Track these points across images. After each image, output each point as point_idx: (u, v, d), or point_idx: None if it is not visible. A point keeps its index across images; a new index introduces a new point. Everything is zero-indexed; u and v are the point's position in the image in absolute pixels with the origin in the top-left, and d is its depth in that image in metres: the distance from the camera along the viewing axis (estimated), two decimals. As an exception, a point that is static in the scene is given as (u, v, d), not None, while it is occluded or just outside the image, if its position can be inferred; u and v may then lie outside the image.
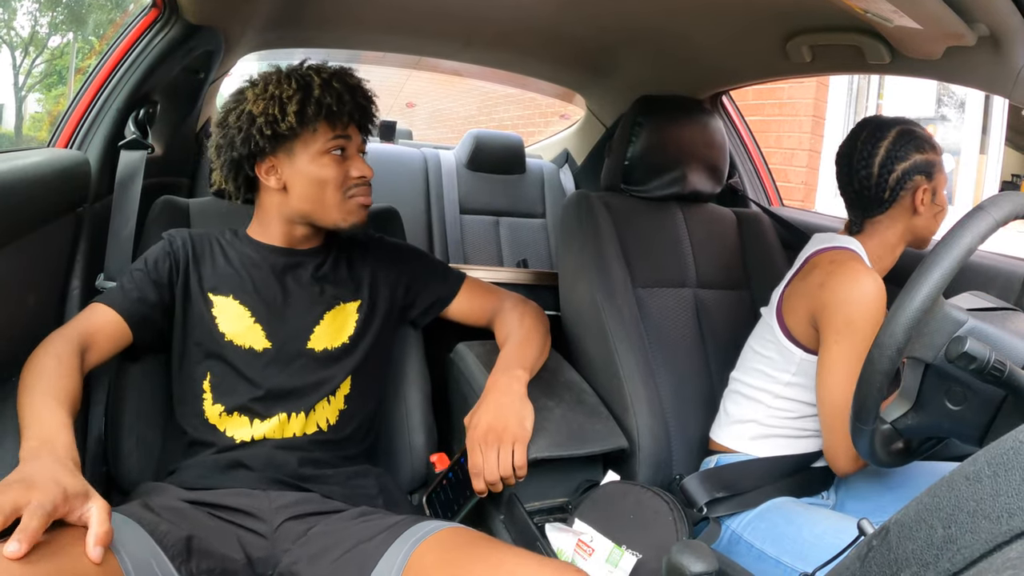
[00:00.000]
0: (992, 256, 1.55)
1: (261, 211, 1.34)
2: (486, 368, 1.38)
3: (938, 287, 0.90)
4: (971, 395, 0.92)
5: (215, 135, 1.31)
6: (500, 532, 1.29)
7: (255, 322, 1.26)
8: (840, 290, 1.24)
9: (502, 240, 2.80)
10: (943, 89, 4.07)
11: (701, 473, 1.37)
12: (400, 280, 1.41)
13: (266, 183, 1.29)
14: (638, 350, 1.52)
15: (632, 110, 1.75)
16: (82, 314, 1.21)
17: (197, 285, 1.28)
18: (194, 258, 1.29)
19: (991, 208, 0.91)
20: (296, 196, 1.29)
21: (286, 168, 1.28)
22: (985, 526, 0.46)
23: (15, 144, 5.50)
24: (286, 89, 1.23)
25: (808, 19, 1.48)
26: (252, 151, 1.26)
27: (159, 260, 1.27)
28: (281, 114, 1.22)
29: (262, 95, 1.24)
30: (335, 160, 1.28)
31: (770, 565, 1.22)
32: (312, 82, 1.25)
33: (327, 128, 1.27)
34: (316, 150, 1.26)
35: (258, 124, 1.23)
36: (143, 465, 1.29)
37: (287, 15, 1.86)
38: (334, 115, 1.26)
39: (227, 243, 1.33)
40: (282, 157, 1.27)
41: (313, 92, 1.24)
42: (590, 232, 1.62)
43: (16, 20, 5.67)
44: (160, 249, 1.29)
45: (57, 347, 1.11)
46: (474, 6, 1.85)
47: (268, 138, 1.24)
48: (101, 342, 1.19)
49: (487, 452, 1.20)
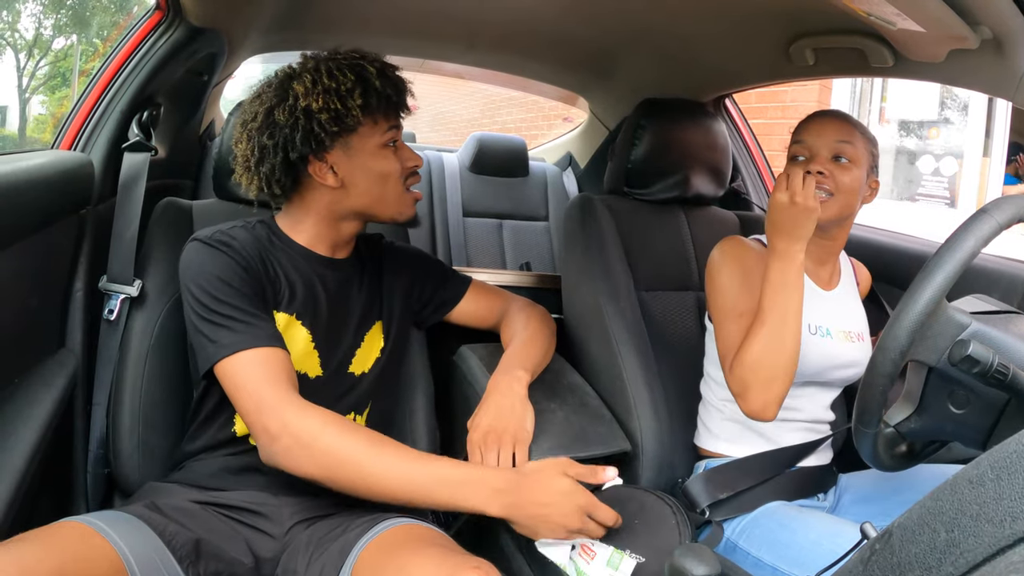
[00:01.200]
0: (995, 259, 1.55)
1: (304, 211, 1.24)
2: (489, 371, 1.38)
3: (941, 290, 0.89)
4: (974, 398, 0.91)
5: (255, 137, 1.18)
6: (503, 536, 1.29)
7: (314, 348, 1.21)
8: (710, 260, 1.40)
9: (505, 243, 2.81)
10: (946, 92, 4.07)
11: (702, 475, 1.37)
12: (411, 287, 1.40)
13: (322, 181, 1.20)
14: (641, 353, 1.52)
15: (635, 113, 1.75)
16: (251, 375, 1.07)
17: (271, 301, 1.19)
18: (264, 270, 1.18)
19: (994, 211, 0.91)
20: (356, 192, 1.21)
21: (343, 163, 1.19)
22: (988, 530, 0.46)
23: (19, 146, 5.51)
24: (343, 81, 1.15)
25: (811, 22, 1.48)
26: (313, 148, 1.16)
27: (242, 279, 1.13)
28: (344, 107, 1.15)
29: (315, 88, 1.14)
30: (392, 152, 1.23)
31: (767, 572, 1.21)
32: (367, 72, 1.17)
33: (384, 119, 1.21)
34: (376, 143, 1.20)
35: (319, 119, 1.14)
36: (144, 467, 1.29)
37: (290, 18, 1.87)
38: (393, 105, 1.21)
39: (275, 248, 1.23)
40: (338, 153, 1.19)
41: (373, 82, 1.17)
42: (593, 235, 1.62)
43: (20, 22, 5.69)
44: (233, 265, 1.14)
45: (313, 417, 1.04)
46: (477, 9, 1.85)
47: (333, 134, 1.16)
48: (293, 379, 1.11)
49: (487, 453, 1.20)
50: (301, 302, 1.21)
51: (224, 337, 1.08)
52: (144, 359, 1.33)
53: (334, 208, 1.23)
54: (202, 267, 1.13)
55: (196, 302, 1.11)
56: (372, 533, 1.08)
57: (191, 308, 1.12)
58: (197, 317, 1.11)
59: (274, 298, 1.19)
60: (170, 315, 1.37)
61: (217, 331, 1.09)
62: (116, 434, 1.30)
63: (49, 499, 1.28)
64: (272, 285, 1.18)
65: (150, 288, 1.37)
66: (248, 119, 1.20)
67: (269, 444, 1.04)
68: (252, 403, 1.05)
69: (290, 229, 1.26)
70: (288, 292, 1.20)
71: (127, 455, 1.29)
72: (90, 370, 1.37)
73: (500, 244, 2.80)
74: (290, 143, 1.15)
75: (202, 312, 1.10)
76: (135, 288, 1.36)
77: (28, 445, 1.13)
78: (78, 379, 1.33)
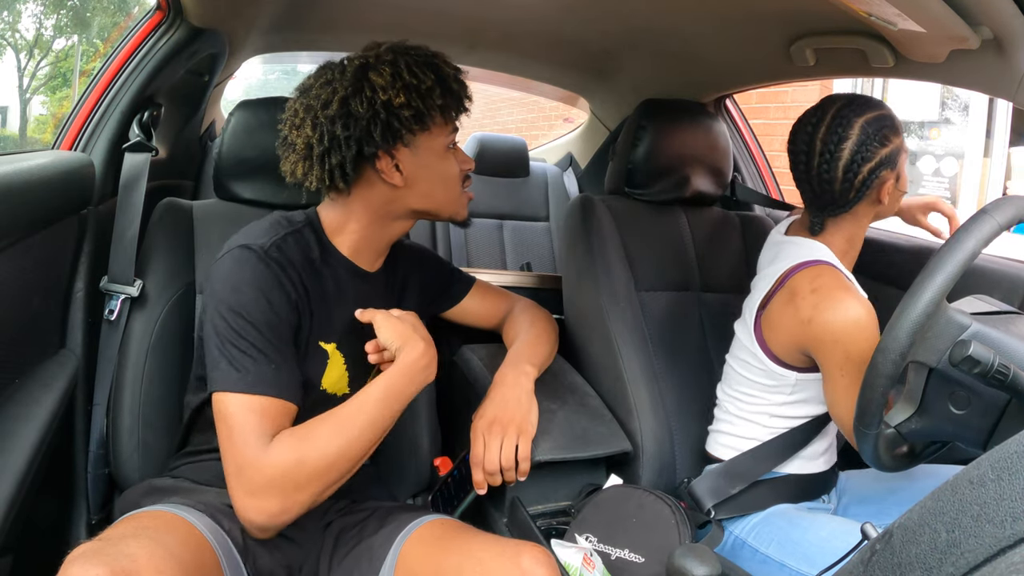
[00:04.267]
0: (996, 259, 1.55)
1: (357, 206, 1.18)
2: (490, 371, 1.38)
3: (941, 292, 0.89)
4: (975, 399, 0.92)
5: (326, 126, 1.10)
6: (503, 535, 1.29)
7: (346, 370, 1.20)
8: (831, 326, 1.19)
9: (506, 243, 2.81)
10: (947, 92, 4.06)
11: (712, 472, 1.36)
12: (422, 286, 1.38)
13: (388, 178, 1.15)
14: (642, 353, 1.52)
15: (636, 114, 1.75)
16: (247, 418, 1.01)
17: (309, 334, 1.14)
18: (308, 303, 1.13)
19: (994, 212, 0.91)
20: (418, 191, 1.18)
21: (409, 162, 1.15)
22: (989, 530, 0.46)
23: (20, 146, 5.51)
24: (424, 79, 1.11)
25: (811, 23, 1.48)
26: (391, 144, 1.12)
27: (288, 314, 1.08)
28: (425, 106, 1.11)
29: (396, 83, 1.09)
30: (452, 154, 1.21)
31: (774, 569, 1.22)
32: (444, 72, 1.15)
33: (453, 121, 1.19)
34: (442, 144, 1.18)
35: (400, 115, 1.10)
36: (144, 467, 1.29)
37: (291, 19, 1.87)
38: (463, 109, 1.19)
39: (322, 264, 1.17)
40: (406, 150, 1.14)
41: (450, 84, 1.15)
42: (594, 235, 1.62)
43: (21, 23, 5.69)
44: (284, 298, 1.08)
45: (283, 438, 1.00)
46: (479, 10, 1.85)
47: (413, 131, 1.13)
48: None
49: (490, 441, 1.20)
50: (343, 330, 1.18)
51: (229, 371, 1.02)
52: (144, 359, 1.33)
53: (390, 206, 1.19)
54: (246, 284, 1.06)
55: (228, 321, 1.04)
56: (410, 528, 1.10)
57: (224, 321, 1.04)
58: (228, 335, 1.04)
59: (319, 330, 1.15)
60: (170, 315, 1.37)
61: (235, 361, 1.03)
62: (116, 434, 1.30)
63: (50, 499, 1.28)
64: (314, 317, 1.14)
65: (150, 288, 1.37)
66: (316, 105, 1.12)
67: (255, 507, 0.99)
68: (232, 464, 1.00)
69: (336, 231, 1.19)
70: (332, 320, 1.17)
71: (127, 455, 1.29)
72: (90, 370, 1.37)
73: (501, 244, 2.80)
74: (366, 137, 1.10)
75: (226, 334, 1.04)
76: (136, 288, 1.36)
77: (29, 445, 1.13)
78: (79, 379, 1.33)
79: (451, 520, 1.14)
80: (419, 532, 1.09)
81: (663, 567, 1.00)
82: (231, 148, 1.47)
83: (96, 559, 0.78)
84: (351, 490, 1.24)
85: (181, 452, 1.24)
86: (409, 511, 1.17)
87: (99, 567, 0.77)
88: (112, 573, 0.77)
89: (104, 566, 0.77)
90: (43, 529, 1.26)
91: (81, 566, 0.77)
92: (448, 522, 1.12)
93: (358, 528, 1.15)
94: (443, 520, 1.13)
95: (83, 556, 0.78)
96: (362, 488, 1.26)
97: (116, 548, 0.81)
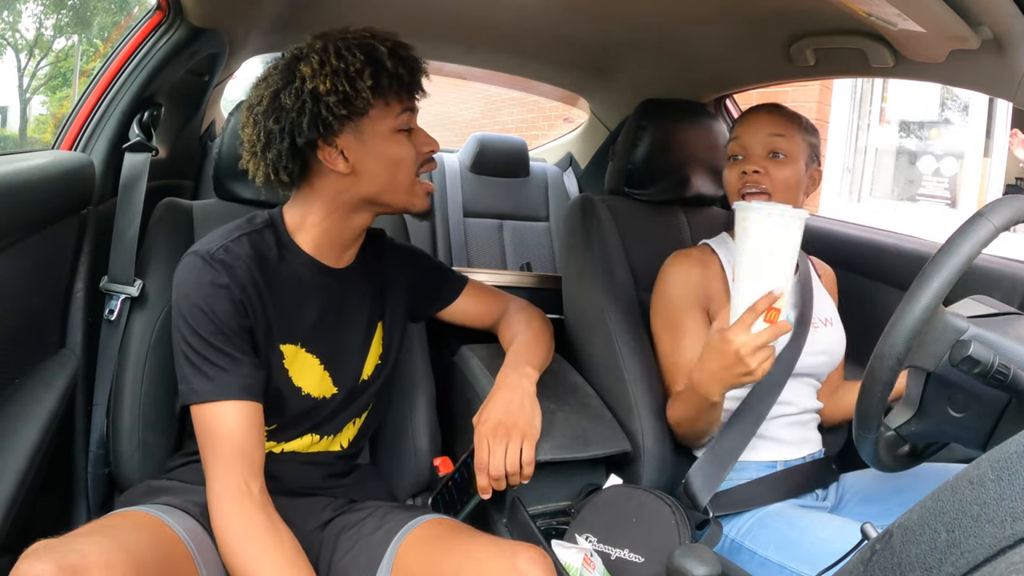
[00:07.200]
0: (995, 260, 1.55)
1: (313, 199, 1.17)
2: (490, 371, 1.38)
3: (937, 297, 0.89)
4: (974, 401, 0.91)
5: (261, 122, 1.11)
6: (503, 535, 1.29)
7: (324, 370, 1.20)
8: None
9: (506, 243, 2.81)
10: (947, 92, 4.06)
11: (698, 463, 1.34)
12: (410, 284, 1.38)
13: (331, 167, 1.12)
14: (642, 353, 1.51)
15: (636, 114, 1.75)
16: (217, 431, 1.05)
17: (266, 336, 1.13)
18: (260, 302, 1.12)
19: (990, 214, 0.90)
20: (367, 179, 1.14)
21: (354, 148, 1.12)
22: (989, 530, 0.46)
23: (20, 146, 5.51)
24: (352, 61, 1.08)
25: (811, 23, 1.48)
26: (321, 133, 1.09)
27: (230, 317, 1.08)
28: (354, 89, 1.07)
29: (323, 70, 1.07)
30: (406, 136, 1.16)
31: (774, 571, 1.21)
32: (378, 51, 1.10)
33: (396, 102, 1.13)
34: (389, 127, 1.13)
35: (327, 102, 1.07)
36: (144, 467, 1.29)
37: (291, 18, 1.86)
38: (406, 86, 1.14)
39: (279, 263, 1.16)
40: (348, 137, 1.11)
41: (384, 62, 1.10)
42: (594, 235, 1.62)
43: (21, 23, 5.69)
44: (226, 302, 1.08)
45: (246, 508, 1.02)
46: (478, 9, 1.85)
47: (342, 117, 1.09)
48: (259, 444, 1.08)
49: (495, 446, 1.19)
50: (307, 329, 1.17)
51: (199, 383, 1.06)
52: (144, 359, 1.33)
53: (344, 196, 1.16)
54: (191, 292, 1.09)
55: (180, 331, 1.09)
56: (408, 528, 1.10)
57: (177, 332, 1.09)
58: (183, 345, 1.08)
59: (278, 331, 1.14)
60: (170, 315, 1.37)
61: (195, 373, 1.07)
62: (116, 434, 1.30)
63: (50, 499, 1.28)
64: (271, 317, 1.13)
65: (150, 288, 1.37)
66: (254, 103, 1.13)
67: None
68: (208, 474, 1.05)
69: (297, 227, 1.18)
70: (292, 321, 1.16)
71: (127, 455, 1.29)
72: (91, 370, 1.37)
73: (501, 244, 2.80)
74: (297, 128, 1.08)
75: (186, 345, 1.08)
76: (136, 288, 1.36)
77: (29, 445, 1.13)
78: (79, 379, 1.33)
79: (448, 520, 1.14)
80: (416, 532, 1.09)
81: (663, 567, 1.00)
82: (231, 148, 1.46)
83: (46, 555, 0.79)
84: (351, 490, 1.25)
85: (177, 453, 1.25)
86: (407, 511, 1.17)
87: (46, 563, 0.77)
88: (59, 568, 0.77)
89: (52, 562, 0.78)
90: (43, 529, 1.25)
91: (31, 562, 0.78)
92: (445, 522, 1.13)
93: (357, 527, 1.15)
94: (440, 520, 1.13)
95: (35, 553, 0.79)
96: (362, 488, 1.27)
97: (67, 545, 0.82)
